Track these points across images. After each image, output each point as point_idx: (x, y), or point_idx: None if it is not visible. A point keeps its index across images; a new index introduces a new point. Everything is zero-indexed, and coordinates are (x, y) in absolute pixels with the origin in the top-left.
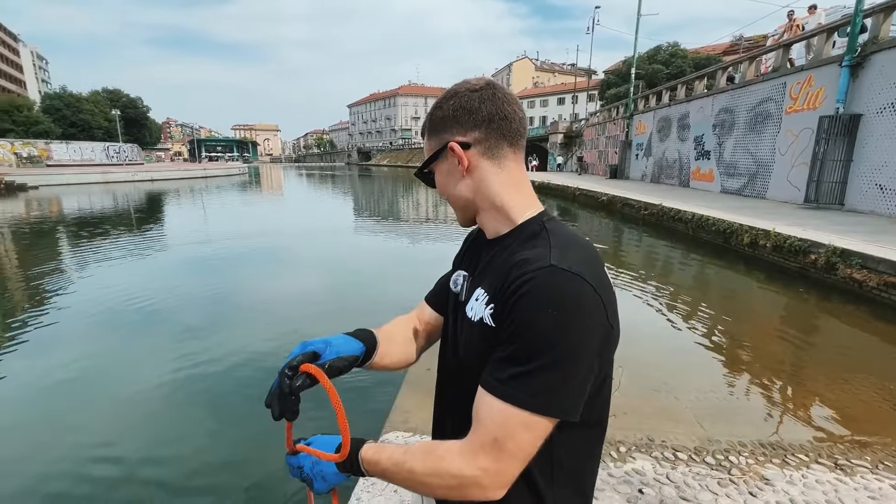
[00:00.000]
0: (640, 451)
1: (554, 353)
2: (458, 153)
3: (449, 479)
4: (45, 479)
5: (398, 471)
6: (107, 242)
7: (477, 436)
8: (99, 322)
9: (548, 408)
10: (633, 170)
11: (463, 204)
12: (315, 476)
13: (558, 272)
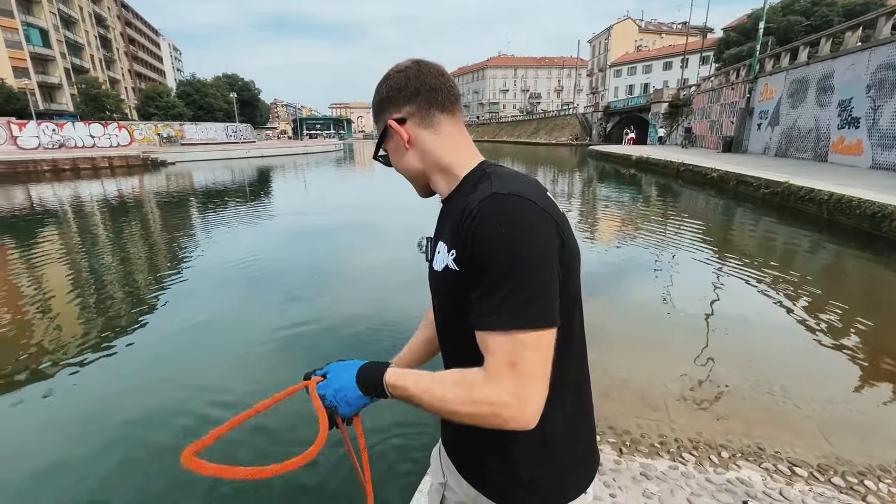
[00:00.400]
0: (747, 459)
1: (520, 271)
2: (396, 129)
3: (483, 407)
4: (175, 412)
5: (428, 397)
6: (227, 211)
7: (493, 366)
8: (220, 281)
9: (539, 320)
10: (754, 141)
11: (414, 175)
12: (339, 402)
13: (499, 197)
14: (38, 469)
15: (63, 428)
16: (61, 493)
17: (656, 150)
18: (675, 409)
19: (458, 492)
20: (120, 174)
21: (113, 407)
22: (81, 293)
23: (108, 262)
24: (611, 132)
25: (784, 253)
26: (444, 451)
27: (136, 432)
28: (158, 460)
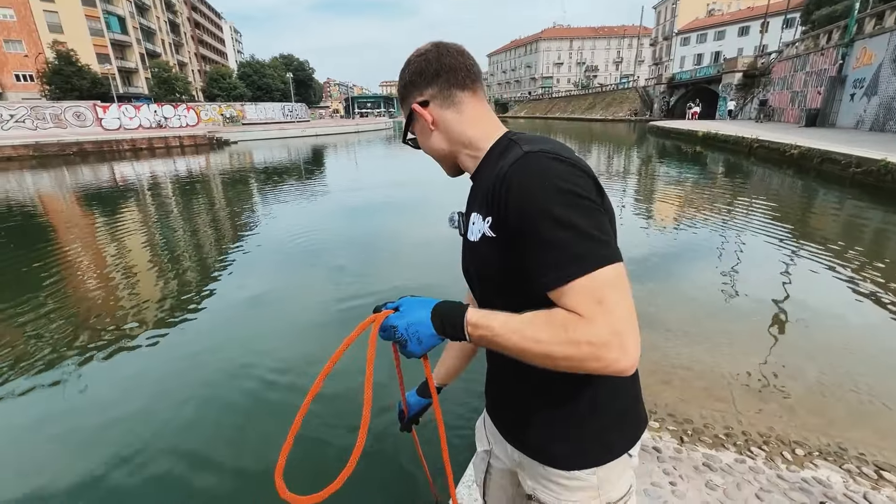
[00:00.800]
0: (826, 459)
1: (573, 217)
2: (420, 112)
3: (584, 347)
4: (240, 374)
5: (518, 338)
6: (284, 188)
7: (582, 310)
8: (278, 254)
9: (608, 257)
10: (844, 114)
11: (441, 155)
12: (410, 337)
13: (533, 156)
14: (125, 417)
15: (145, 382)
16: (144, 440)
17: (726, 124)
18: (743, 401)
19: (502, 458)
20: (189, 153)
21: (189, 366)
22: (158, 261)
23: (180, 233)
24: (674, 106)
25: (874, 239)
26: (489, 420)
27: (206, 390)
28: (227, 414)
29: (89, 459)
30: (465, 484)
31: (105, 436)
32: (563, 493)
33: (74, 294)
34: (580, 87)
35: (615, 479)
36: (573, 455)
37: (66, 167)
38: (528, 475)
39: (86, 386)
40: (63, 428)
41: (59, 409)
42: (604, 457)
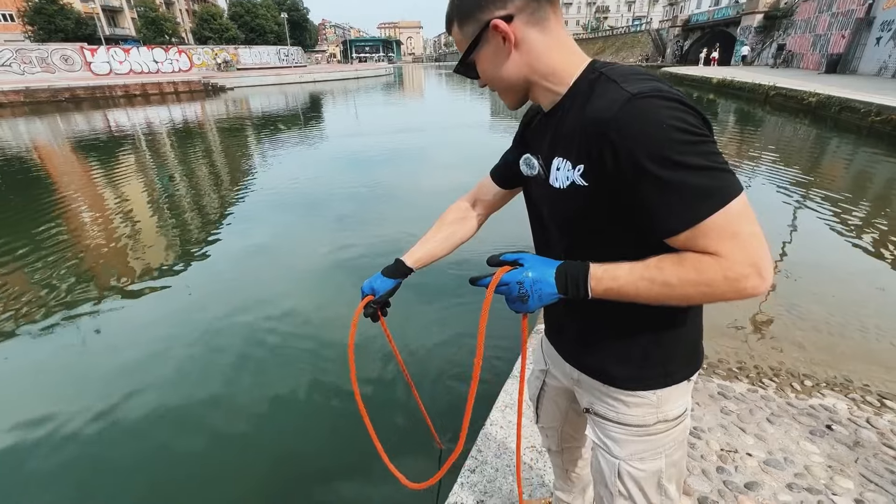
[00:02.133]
0: (833, 389)
1: (693, 158)
2: (503, 29)
3: (720, 285)
4: (238, 316)
5: (647, 284)
6: (282, 136)
7: (727, 255)
8: (277, 204)
9: (732, 187)
10: (867, 60)
11: (513, 84)
12: (533, 294)
13: (639, 101)
14: (134, 365)
15: (152, 330)
16: (152, 377)
17: (741, 71)
18: (754, 340)
19: (559, 377)
20: (184, 99)
21: (193, 315)
22: (158, 211)
23: (179, 183)
24: (688, 51)
25: (886, 189)
26: (548, 342)
27: (211, 338)
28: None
29: (95, 403)
30: (497, 408)
31: (113, 383)
32: (622, 408)
33: (76, 244)
34: (589, 29)
35: (674, 399)
36: (635, 379)
37: (59, 114)
38: (586, 392)
39: (94, 333)
40: (70, 373)
41: (66, 355)
42: (664, 382)
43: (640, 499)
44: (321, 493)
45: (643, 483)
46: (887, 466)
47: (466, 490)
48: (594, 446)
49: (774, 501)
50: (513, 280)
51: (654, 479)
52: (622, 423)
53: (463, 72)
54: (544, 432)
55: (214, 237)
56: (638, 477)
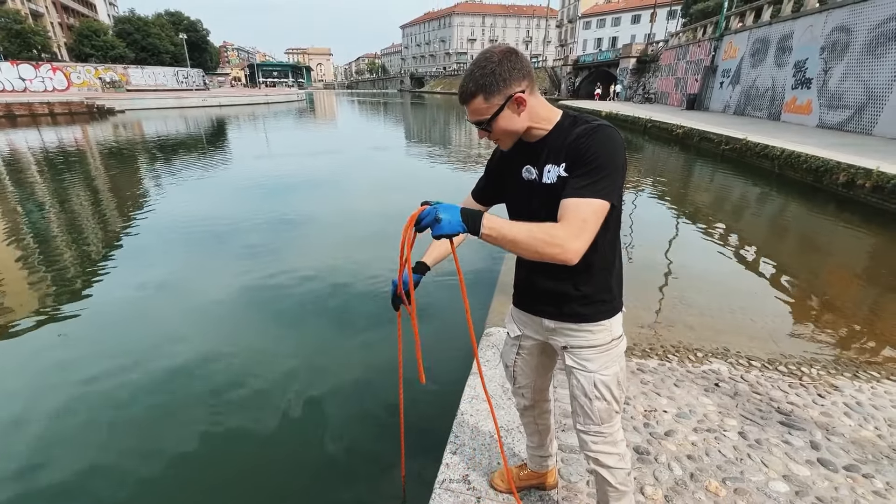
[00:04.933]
0: (717, 357)
1: (608, 168)
2: (522, 98)
3: (552, 241)
4: (130, 364)
5: (518, 230)
6: (182, 165)
7: (568, 221)
8: (178, 238)
9: (609, 196)
10: (715, 100)
11: (518, 132)
12: (444, 220)
13: (608, 127)
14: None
15: (16, 399)
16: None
17: (623, 106)
18: (659, 327)
19: (533, 335)
20: (62, 122)
21: (72, 373)
22: (26, 255)
23: (51, 216)
24: (579, 87)
25: (741, 203)
26: (519, 311)
27: (97, 397)
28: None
29: None
30: (465, 400)
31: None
32: (590, 336)
33: None
34: None
35: (618, 323)
36: (597, 314)
37: None
38: (560, 336)
39: None
40: None
41: None
42: (613, 312)
43: (609, 396)
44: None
45: (610, 384)
46: (757, 406)
47: (452, 468)
48: (571, 371)
49: (686, 441)
50: (429, 211)
51: (615, 380)
52: (592, 345)
53: (483, 128)
54: (520, 392)
55: (98, 275)
56: (607, 381)
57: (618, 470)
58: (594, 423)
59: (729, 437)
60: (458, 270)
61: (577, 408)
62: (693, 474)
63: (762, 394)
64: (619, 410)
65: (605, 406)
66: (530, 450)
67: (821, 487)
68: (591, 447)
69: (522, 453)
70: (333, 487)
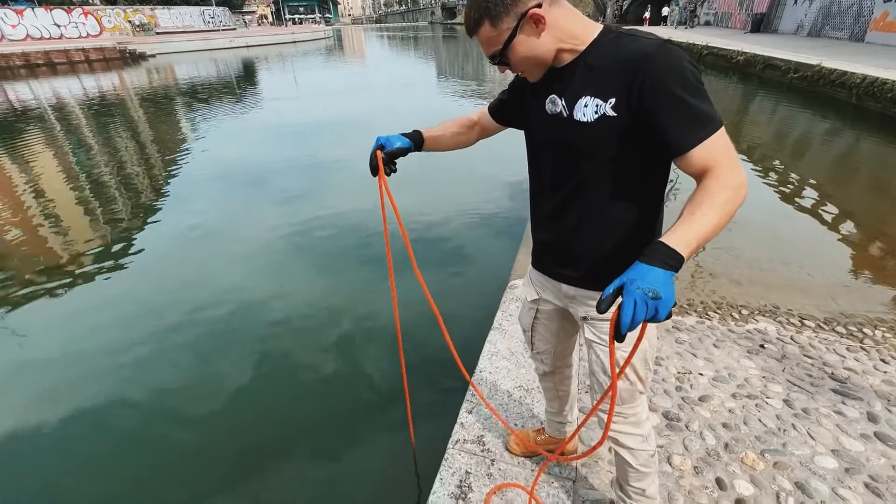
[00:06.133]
0: (764, 315)
1: (705, 92)
2: (538, 14)
3: (741, 192)
4: (186, 300)
5: (710, 231)
6: (216, 108)
7: (724, 159)
8: (218, 183)
9: (720, 120)
10: (786, 20)
11: (544, 58)
12: (661, 305)
13: (668, 46)
14: (74, 368)
15: (96, 319)
16: (99, 370)
17: (675, 31)
18: (700, 280)
19: (552, 300)
20: (98, 69)
21: (138, 309)
22: (83, 198)
23: (100, 163)
24: (627, 11)
25: (806, 140)
26: (538, 273)
27: (162, 333)
28: (188, 353)
29: (33, 415)
30: (484, 357)
31: (51, 392)
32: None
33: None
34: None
35: None
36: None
37: None
38: (580, 304)
39: (24, 338)
40: (6, 374)
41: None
42: None
43: (633, 376)
44: (296, 470)
45: (635, 363)
46: (807, 372)
47: (467, 428)
48: (591, 345)
49: (722, 408)
50: (634, 314)
51: (641, 358)
52: None
53: (498, 62)
54: (539, 358)
55: (149, 220)
56: (632, 360)
57: (640, 451)
58: (615, 404)
59: (772, 405)
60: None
61: (596, 385)
62: (728, 444)
63: (814, 357)
64: (645, 391)
65: (627, 386)
66: (549, 415)
67: (876, 465)
68: (610, 427)
69: (541, 415)
70: (350, 428)
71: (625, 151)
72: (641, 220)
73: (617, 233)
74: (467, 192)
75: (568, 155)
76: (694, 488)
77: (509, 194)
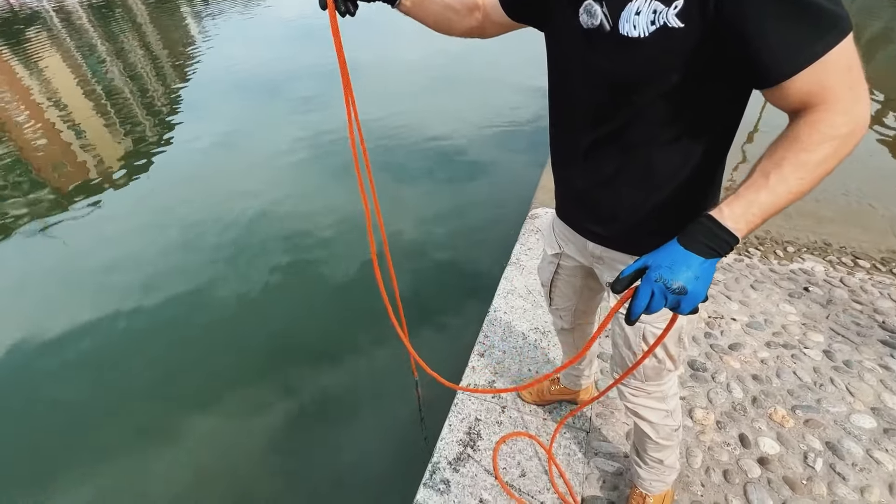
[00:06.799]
0: (812, 252)
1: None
2: None
3: (849, 140)
4: (211, 210)
5: (786, 202)
6: (227, 7)
7: (837, 104)
8: (233, 90)
9: (848, 20)
10: None
11: None
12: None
13: None
14: (107, 264)
15: (124, 227)
16: (135, 276)
17: None
18: None
19: (576, 257)
20: None
21: (164, 210)
22: (98, 104)
23: (112, 69)
24: None
25: (886, 40)
26: (562, 224)
27: (191, 238)
28: (212, 251)
29: (86, 305)
30: (500, 295)
31: (98, 285)
32: None
33: (15, 148)
34: None
35: None
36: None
37: None
38: (608, 267)
39: (63, 243)
40: (46, 286)
41: (39, 268)
42: None
43: (661, 354)
44: (319, 378)
45: (667, 340)
46: (854, 320)
47: (478, 372)
48: (615, 315)
49: (754, 358)
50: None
51: (675, 335)
52: None
53: None
54: (557, 314)
55: (168, 128)
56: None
57: (662, 426)
58: (636, 379)
59: (810, 356)
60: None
61: (617, 357)
62: (756, 398)
63: (865, 304)
64: (675, 369)
65: (653, 364)
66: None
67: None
68: (629, 399)
69: (557, 361)
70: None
71: (689, 80)
72: (699, 173)
73: (664, 189)
74: (490, 101)
75: (607, 84)
76: (715, 444)
77: (539, 107)
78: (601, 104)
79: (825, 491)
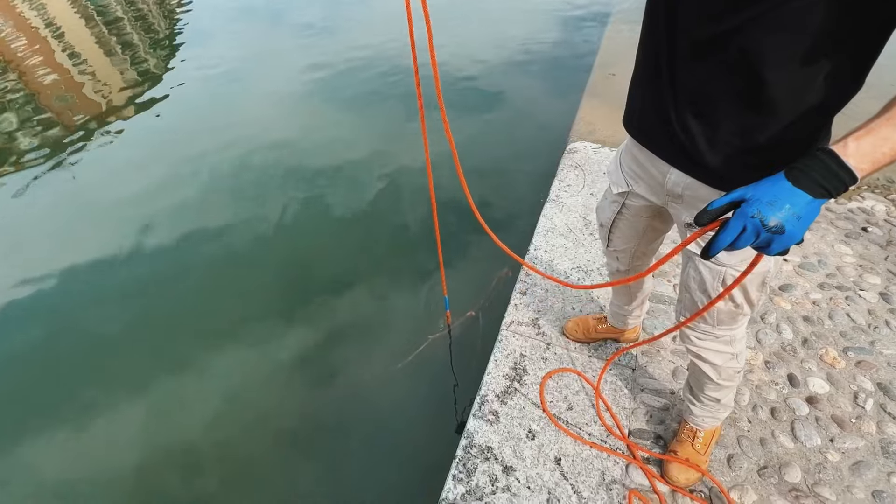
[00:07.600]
0: (874, 191)
1: None
2: None
3: None
4: (220, 146)
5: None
6: None
7: None
8: (234, 19)
9: None
10: None
11: None
12: (787, 221)
13: None
14: (122, 199)
15: (138, 161)
16: (152, 209)
17: None
18: None
19: (646, 196)
20: None
21: (175, 148)
22: (99, 35)
23: (116, 5)
24: None
25: None
26: (633, 153)
27: (201, 170)
28: (226, 185)
29: (106, 238)
30: (539, 234)
31: (116, 217)
32: None
33: (23, 85)
34: None
35: None
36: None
37: None
38: (688, 205)
39: (75, 175)
40: (65, 212)
41: (53, 198)
42: None
43: (740, 298)
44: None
45: (748, 284)
46: None
47: (521, 310)
48: (692, 257)
49: (806, 300)
50: (737, 224)
51: (759, 278)
52: None
53: None
54: (614, 255)
55: (172, 59)
56: (744, 280)
57: (725, 368)
58: (706, 324)
59: (865, 299)
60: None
61: (687, 301)
62: (807, 340)
63: None
64: (751, 313)
65: (729, 309)
66: (614, 306)
67: None
68: (694, 343)
69: (601, 300)
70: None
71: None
72: (818, 106)
73: (775, 116)
74: (525, 25)
75: (726, 22)
76: (763, 383)
77: (559, 27)
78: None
79: (874, 429)
